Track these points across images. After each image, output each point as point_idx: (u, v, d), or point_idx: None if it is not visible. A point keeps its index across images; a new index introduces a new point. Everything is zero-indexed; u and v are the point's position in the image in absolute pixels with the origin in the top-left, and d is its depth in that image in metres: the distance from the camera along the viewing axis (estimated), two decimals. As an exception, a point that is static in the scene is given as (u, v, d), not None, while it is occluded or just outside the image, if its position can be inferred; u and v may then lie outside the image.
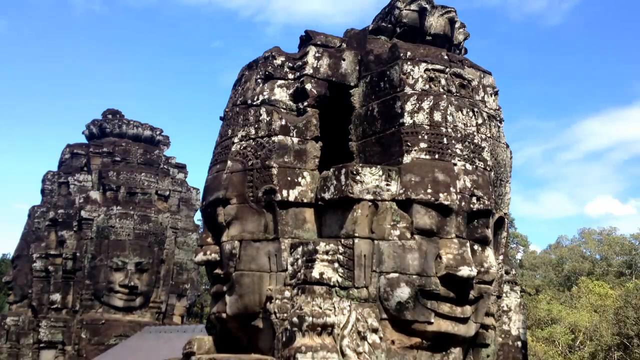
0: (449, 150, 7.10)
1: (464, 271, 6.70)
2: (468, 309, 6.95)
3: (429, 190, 6.87)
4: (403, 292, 6.72)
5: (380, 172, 6.93)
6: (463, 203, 6.98)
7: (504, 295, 8.27)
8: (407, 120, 7.18)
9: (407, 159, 7.06)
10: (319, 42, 8.03)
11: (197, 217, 21.37)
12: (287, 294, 7.00)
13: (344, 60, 7.98)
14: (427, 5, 7.84)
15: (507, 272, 8.32)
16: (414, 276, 6.73)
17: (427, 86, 7.36)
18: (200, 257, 7.86)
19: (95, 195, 19.74)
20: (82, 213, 19.21)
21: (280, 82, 7.89)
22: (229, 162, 7.70)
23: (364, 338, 6.58)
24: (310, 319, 6.49)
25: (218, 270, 7.72)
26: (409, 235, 6.83)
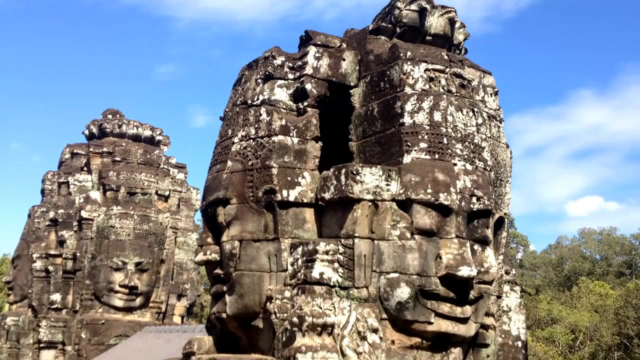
0: (449, 150, 7.10)
1: (464, 271, 6.70)
2: (468, 309, 6.95)
3: (429, 190, 6.87)
4: (403, 292, 6.72)
5: (380, 172, 6.93)
6: (463, 203, 6.98)
7: (504, 295, 8.27)
8: (407, 120, 7.18)
9: (407, 159, 7.06)
10: (319, 42, 8.03)
11: (197, 217, 21.38)
12: (287, 294, 7.00)
13: (344, 60, 7.98)
14: (427, 5, 7.84)
15: (507, 272, 8.32)
16: (414, 276, 6.73)
17: (427, 86, 7.36)
18: (200, 257, 7.86)
19: (95, 195, 19.73)
20: (82, 213, 19.20)
21: (280, 82, 7.90)
22: (229, 162, 7.70)
23: (364, 338, 6.58)
24: (310, 319, 6.49)
25: (218, 270, 7.72)
26: (409, 235, 6.83)
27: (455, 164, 7.07)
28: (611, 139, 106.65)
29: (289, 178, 7.45)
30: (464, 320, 6.94)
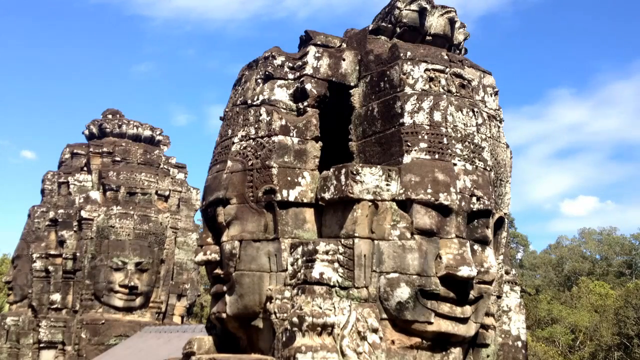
0: (449, 150, 7.10)
1: (464, 271, 6.70)
2: (468, 309, 6.95)
3: (429, 190, 6.87)
4: (403, 292, 6.72)
5: (380, 172, 6.93)
6: (463, 203, 6.98)
7: (504, 295, 8.27)
8: (407, 120, 7.18)
9: (407, 159, 7.06)
10: (319, 42, 8.03)
11: (197, 217, 21.39)
12: (287, 294, 7.00)
13: (344, 60, 7.98)
14: (427, 5, 7.83)
15: (507, 272, 8.32)
16: (414, 276, 6.73)
17: (427, 86, 7.36)
18: (200, 257, 7.86)
19: (95, 195, 19.74)
20: (82, 213, 19.21)
21: (280, 82, 7.90)
22: (229, 162, 7.70)
23: (364, 338, 6.58)
24: (310, 319, 6.49)
25: (218, 270, 7.72)
26: (409, 235, 6.83)
27: (455, 164, 7.07)
28: (592, 138, 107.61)
29: (289, 178, 7.45)
30: (464, 320, 6.94)
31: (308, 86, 7.71)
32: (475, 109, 7.47)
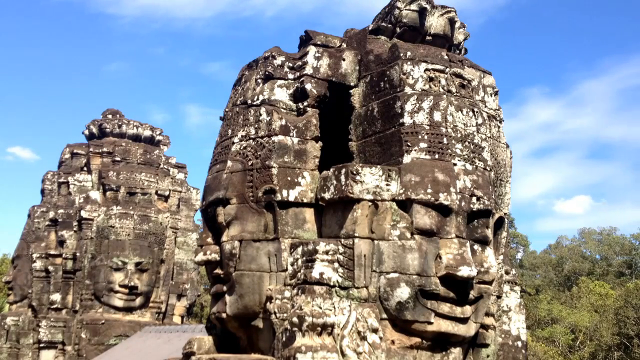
0: (449, 150, 7.10)
1: (464, 271, 6.70)
2: (468, 309, 6.95)
3: (429, 190, 6.87)
4: (403, 292, 6.72)
5: (380, 172, 6.93)
6: (463, 203, 6.98)
7: (504, 295, 8.27)
8: (407, 120, 7.18)
9: (407, 159, 7.06)
10: (319, 42, 8.03)
11: (197, 217, 21.39)
12: (287, 294, 7.00)
13: (344, 60, 7.98)
14: (427, 5, 7.83)
15: (507, 272, 8.32)
16: (414, 276, 6.73)
17: (427, 86, 7.36)
18: (200, 257, 7.86)
19: (95, 195, 19.74)
20: (82, 213, 19.21)
21: (280, 82, 7.89)
22: (229, 162, 7.70)
23: (364, 338, 6.58)
24: (310, 319, 6.49)
25: (218, 270, 7.72)
26: (409, 235, 6.83)
27: (455, 164, 7.07)
28: (567, 137, 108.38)
29: (289, 178, 7.45)
30: (464, 320, 6.94)
31: (308, 86, 7.71)
32: (475, 109, 7.47)
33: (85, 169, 21.32)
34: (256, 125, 7.68)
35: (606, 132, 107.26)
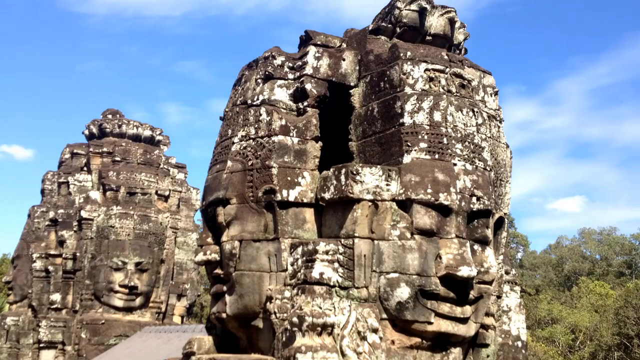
0: (449, 150, 7.10)
1: (464, 271, 6.70)
2: (468, 309, 6.95)
3: (429, 190, 6.87)
4: (403, 292, 6.72)
5: (380, 172, 6.93)
6: (463, 203, 6.98)
7: (504, 295, 8.27)
8: (407, 120, 7.17)
9: (407, 159, 7.06)
10: (319, 42, 8.03)
11: (197, 217, 21.39)
12: (287, 294, 7.00)
13: (344, 60, 7.98)
14: (427, 5, 7.83)
15: (507, 272, 8.32)
16: (414, 276, 6.73)
17: (427, 86, 7.36)
18: (200, 257, 7.86)
19: (95, 195, 19.75)
20: (82, 213, 19.21)
21: (280, 82, 7.89)
22: (229, 162, 7.70)
23: (364, 338, 6.58)
24: (310, 319, 6.48)
25: (218, 270, 7.72)
26: (409, 235, 6.83)
27: (455, 164, 7.07)
28: (545, 137, 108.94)
29: (288, 178, 7.45)
30: (464, 320, 6.94)
31: (308, 86, 7.71)
32: (475, 109, 7.46)
33: (85, 169, 21.32)
34: (256, 125, 7.68)
35: (584, 132, 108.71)
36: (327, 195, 7.11)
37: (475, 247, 7.12)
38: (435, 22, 7.90)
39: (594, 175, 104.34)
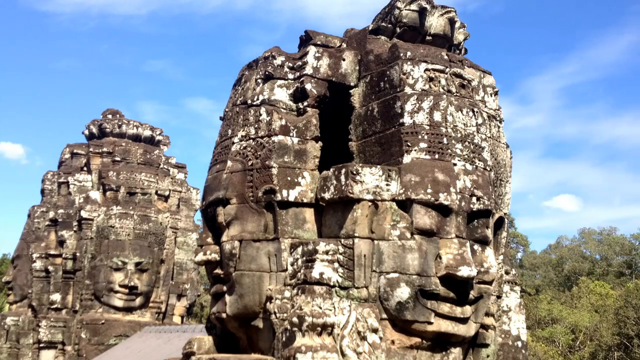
0: (449, 150, 7.10)
1: (464, 271, 6.69)
2: (468, 309, 6.95)
3: (429, 190, 6.86)
4: (403, 292, 6.72)
5: (380, 172, 6.93)
6: (463, 203, 6.98)
7: (504, 295, 8.27)
8: (407, 120, 7.17)
9: (407, 159, 7.06)
10: (319, 42, 8.03)
11: (197, 217, 21.40)
12: (287, 294, 7.00)
13: (344, 60, 7.97)
14: (427, 5, 7.83)
15: (507, 272, 8.32)
16: (414, 276, 6.73)
17: (427, 86, 7.36)
18: (200, 257, 7.86)
19: (95, 195, 19.75)
20: (82, 213, 19.22)
21: (280, 82, 7.89)
22: (229, 162, 7.70)
23: (364, 338, 6.57)
24: (310, 319, 6.48)
25: (218, 270, 7.72)
26: (409, 235, 6.83)
27: (455, 164, 7.07)
28: (521, 136, 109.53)
29: (288, 178, 7.45)
30: (464, 320, 6.94)
31: (308, 86, 7.71)
32: (475, 109, 7.46)
33: (85, 169, 21.32)
34: (256, 125, 7.68)
35: (559, 131, 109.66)
36: (327, 195, 7.11)
37: (475, 247, 7.12)
38: (435, 22, 7.90)
39: (575, 175, 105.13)
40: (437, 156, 7.05)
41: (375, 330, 6.63)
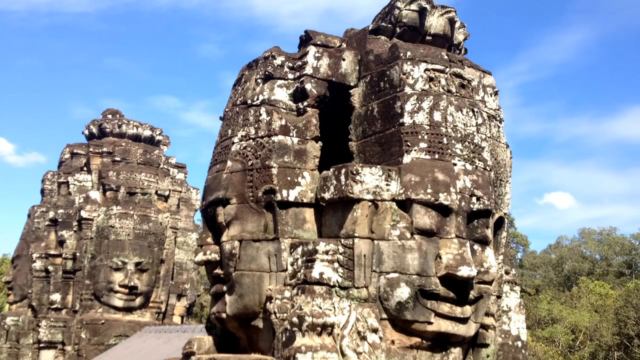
0: (449, 150, 7.10)
1: (464, 271, 6.69)
2: (468, 309, 6.95)
3: (429, 190, 6.86)
4: (403, 292, 6.71)
5: (380, 172, 6.93)
6: (463, 203, 6.97)
7: (504, 295, 8.27)
8: (407, 120, 7.17)
9: (407, 159, 7.06)
10: (319, 42, 8.03)
11: (197, 217, 21.40)
12: (287, 294, 7.00)
13: (344, 60, 7.97)
14: (427, 5, 7.83)
15: (507, 272, 8.32)
16: (414, 276, 6.73)
17: (427, 86, 7.36)
18: (200, 257, 7.86)
19: (95, 195, 19.74)
20: (82, 213, 19.21)
21: (280, 82, 7.89)
22: (229, 162, 7.70)
23: (363, 338, 6.57)
24: (310, 319, 6.48)
25: (218, 270, 7.72)
26: (408, 235, 6.83)
27: (455, 164, 7.07)
28: None
29: (288, 178, 7.45)
30: (464, 320, 6.93)
31: (308, 86, 7.71)
32: (475, 109, 7.46)
33: (85, 169, 21.32)
34: (256, 125, 7.68)
35: (521, 129, 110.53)
36: (327, 195, 7.11)
37: (475, 247, 7.12)
38: (435, 22, 7.90)
39: (545, 173, 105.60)
40: (437, 156, 7.05)
41: (375, 330, 6.63)
